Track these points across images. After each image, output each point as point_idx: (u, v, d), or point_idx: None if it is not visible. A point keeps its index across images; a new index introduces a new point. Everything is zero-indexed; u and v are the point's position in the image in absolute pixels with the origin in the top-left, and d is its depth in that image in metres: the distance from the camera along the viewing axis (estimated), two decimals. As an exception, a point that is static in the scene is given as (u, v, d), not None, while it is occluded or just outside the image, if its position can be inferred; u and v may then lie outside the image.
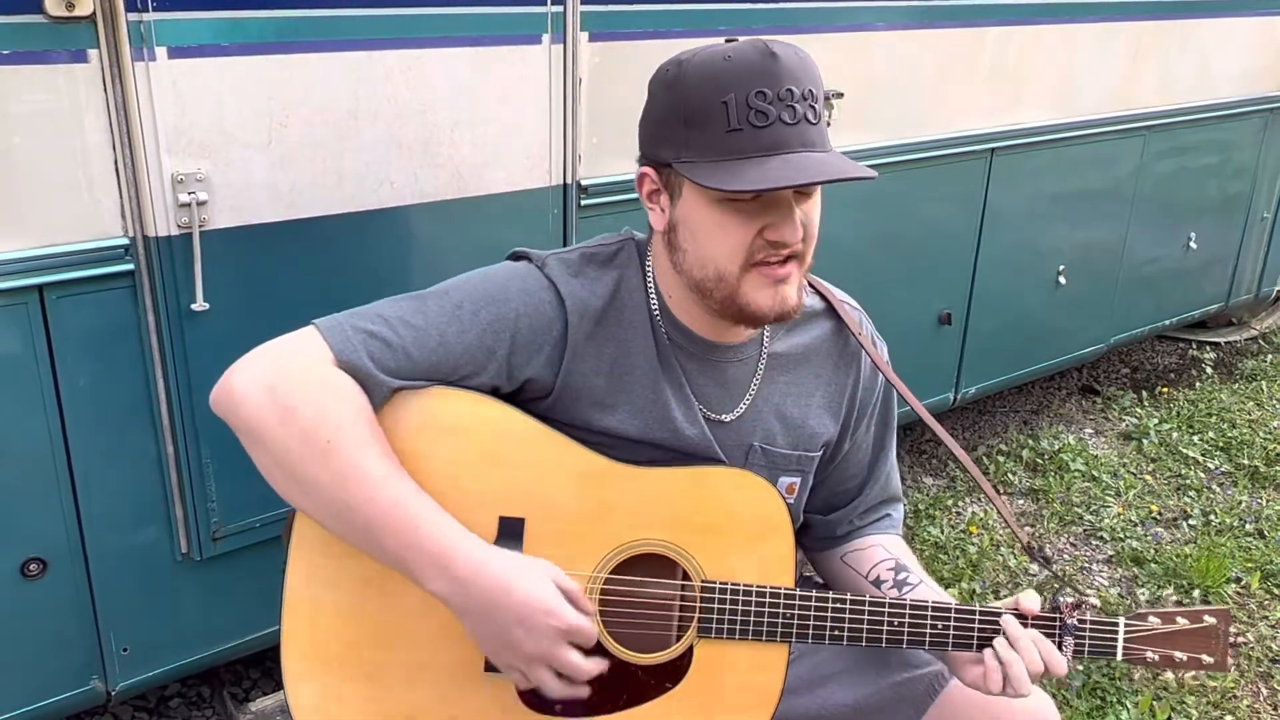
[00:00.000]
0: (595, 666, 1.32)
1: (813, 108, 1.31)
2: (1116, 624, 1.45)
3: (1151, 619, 1.46)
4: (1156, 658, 1.45)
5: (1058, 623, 1.44)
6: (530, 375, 1.41)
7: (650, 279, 1.46)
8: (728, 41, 1.33)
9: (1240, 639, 2.83)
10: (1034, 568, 3.11)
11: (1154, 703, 2.58)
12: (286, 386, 1.29)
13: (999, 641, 1.41)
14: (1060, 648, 1.42)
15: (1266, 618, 2.96)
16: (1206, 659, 1.45)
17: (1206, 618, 1.45)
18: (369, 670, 1.38)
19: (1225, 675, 2.69)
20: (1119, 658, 1.45)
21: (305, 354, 1.32)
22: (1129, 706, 2.57)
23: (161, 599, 2.04)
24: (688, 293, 1.42)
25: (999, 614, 1.43)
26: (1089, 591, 3.06)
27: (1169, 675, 2.66)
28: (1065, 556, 3.25)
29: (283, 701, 1.38)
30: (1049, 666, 1.40)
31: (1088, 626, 1.44)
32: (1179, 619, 1.45)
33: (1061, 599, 1.45)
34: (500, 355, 1.39)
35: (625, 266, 1.46)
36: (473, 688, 1.39)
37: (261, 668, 2.56)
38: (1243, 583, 3.10)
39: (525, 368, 1.41)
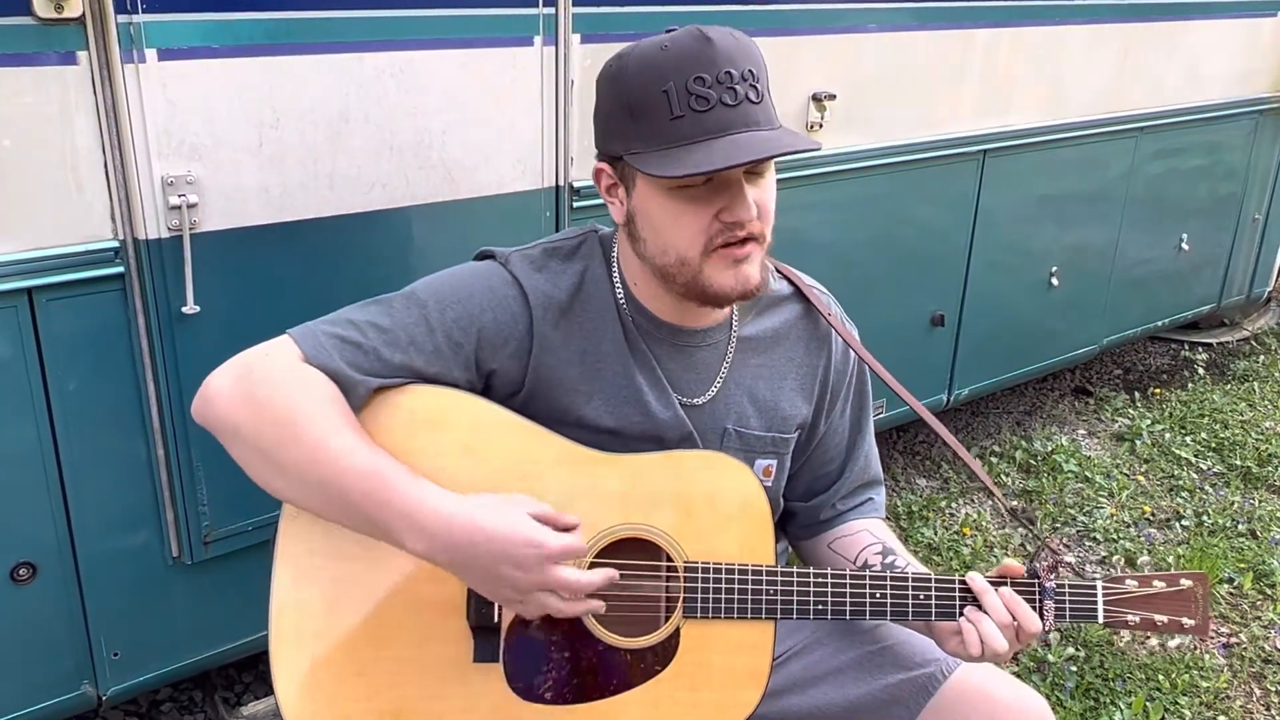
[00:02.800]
0: (597, 577, 1.33)
1: (754, 87, 1.33)
2: (1094, 586, 1.47)
3: (1129, 582, 1.48)
4: (1137, 620, 1.47)
5: (1036, 588, 1.45)
6: (496, 368, 1.44)
7: (615, 269, 1.49)
8: (667, 32, 1.35)
9: (1233, 640, 2.85)
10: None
11: (1147, 703, 2.58)
12: (259, 381, 1.33)
13: (970, 605, 1.44)
14: (1042, 613, 1.44)
15: (1259, 618, 2.97)
16: (1187, 622, 1.47)
17: (1183, 581, 1.47)
18: (358, 668, 1.38)
19: (1219, 675, 2.70)
20: (1100, 620, 1.47)
21: (278, 355, 1.35)
22: (1122, 707, 2.57)
23: (152, 603, 2.03)
24: (652, 279, 1.45)
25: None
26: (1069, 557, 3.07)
27: (1163, 678, 2.67)
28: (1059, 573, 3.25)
29: (274, 705, 1.38)
30: (1021, 622, 1.42)
31: (1066, 590, 1.46)
32: (1156, 582, 1.47)
33: (1038, 564, 1.46)
34: (467, 352, 1.42)
35: (589, 258, 1.50)
36: (462, 681, 1.39)
37: (254, 671, 2.55)
38: (1235, 583, 3.11)
39: (491, 362, 1.44)
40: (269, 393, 1.32)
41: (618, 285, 1.49)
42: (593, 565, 1.41)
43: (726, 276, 1.38)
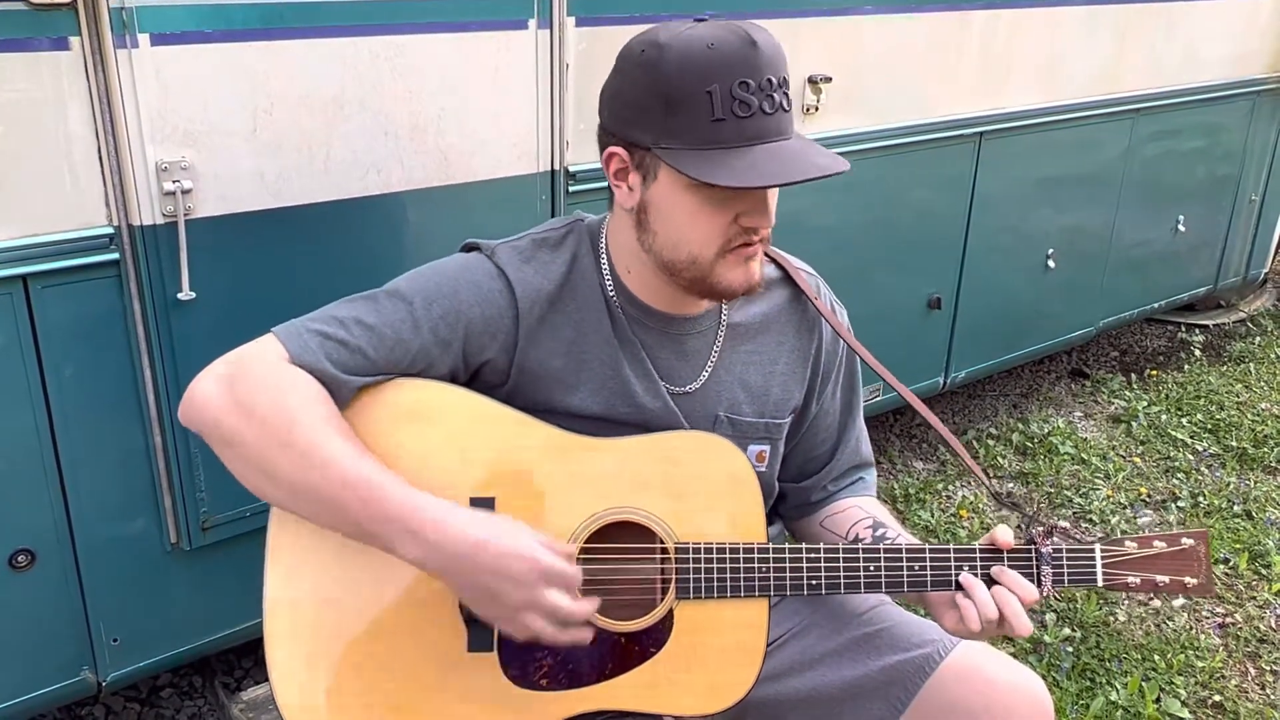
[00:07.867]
0: (585, 606, 1.32)
1: (786, 95, 1.34)
2: (1092, 549, 1.46)
3: (1128, 544, 1.45)
4: (1138, 581, 1.44)
5: (1033, 553, 1.45)
6: (485, 360, 1.45)
7: (604, 257, 1.49)
8: (697, 21, 1.35)
9: (1229, 619, 2.87)
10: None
11: (1143, 683, 2.59)
12: (244, 386, 1.32)
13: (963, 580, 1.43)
14: (1039, 578, 1.44)
15: (1254, 598, 2.98)
16: (1190, 581, 1.43)
17: (1184, 540, 1.44)
18: (353, 663, 1.38)
19: (1214, 655, 2.71)
20: (1099, 583, 1.45)
21: (262, 356, 1.35)
22: (1118, 687, 2.58)
23: (151, 589, 2.03)
24: (652, 270, 1.45)
25: (974, 550, 1.45)
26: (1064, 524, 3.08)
27: (1158, 658, 2.68)
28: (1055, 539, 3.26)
29: (272, 694, 1.38)
30: (1007, 617, 1.40)
31: (1064, 553, 1.45)
32: (1156, 542, 1.44)
33: (1034, 531, 1.46)
34: (455, 347, 1.42)
35: (577, 248, 1.49)
36: (457, 672, 1.39)
37: (253, 657, 2.56)
38: (1231, 564, 3.12)
39: (479, 355, 1.44)
40: (256, 398, 1.30)
41: (606, 274, 1.49)
42: (584, 551, 1.41)
43: (736, 275, 1.40)
